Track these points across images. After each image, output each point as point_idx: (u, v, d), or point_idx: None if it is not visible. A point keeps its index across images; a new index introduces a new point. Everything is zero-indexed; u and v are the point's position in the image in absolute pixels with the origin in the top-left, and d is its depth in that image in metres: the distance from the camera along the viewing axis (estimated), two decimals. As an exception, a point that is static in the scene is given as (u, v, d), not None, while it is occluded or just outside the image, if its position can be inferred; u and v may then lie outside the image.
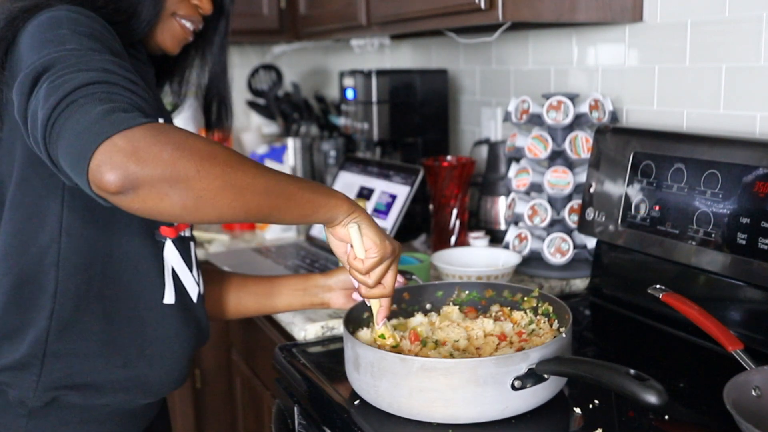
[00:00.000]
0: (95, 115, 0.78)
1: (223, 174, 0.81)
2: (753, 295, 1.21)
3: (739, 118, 1.42)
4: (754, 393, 0.97)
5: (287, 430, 1.26)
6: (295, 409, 1.21)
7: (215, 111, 1.28)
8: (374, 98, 2.11)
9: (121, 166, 0.76)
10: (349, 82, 2.22)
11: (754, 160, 1.20)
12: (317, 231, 2.05)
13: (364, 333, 1.15)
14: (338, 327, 1.41)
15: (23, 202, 1.01)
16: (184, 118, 2.81)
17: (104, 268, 1.03)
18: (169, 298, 1.09)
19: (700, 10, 1.48)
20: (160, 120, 1.06)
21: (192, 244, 1.17)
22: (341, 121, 2.35)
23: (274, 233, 2.14)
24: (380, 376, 1.02)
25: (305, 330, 1.40)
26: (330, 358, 1.29)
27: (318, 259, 1.89)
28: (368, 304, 1.12)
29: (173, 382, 1.13)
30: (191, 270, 1.14)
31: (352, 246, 1.02)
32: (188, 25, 1.15)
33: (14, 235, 1.02)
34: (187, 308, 1.13)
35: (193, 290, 1.14)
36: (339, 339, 1.33)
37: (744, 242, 1.19)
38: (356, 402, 1.08)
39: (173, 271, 1.10)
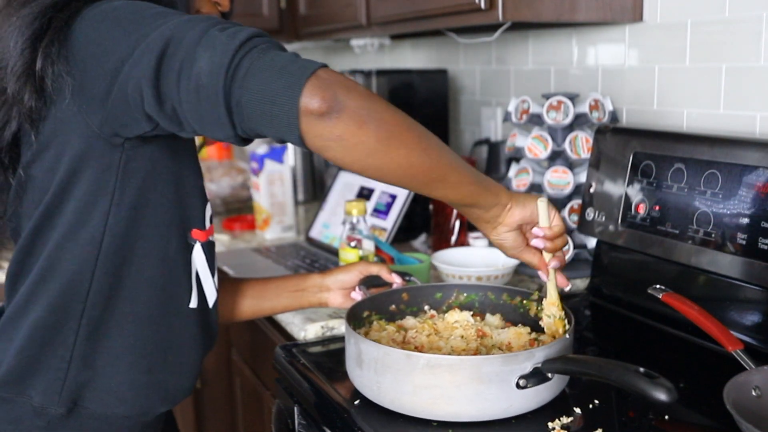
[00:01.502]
0: (286, 57, 0.84)
1: (404, 118, 0.90)
2: (753, 295, 1.21)
3: (739, 118, 1.42)
4: (754, 393, 0.97)
5: (287, 430, 1.26)
6: (295, 409, 1.21)
7: None
8: (374, 98, 2.11)
9: (330, 89, 0.83)
10: (349, 82, 2.22)
11: (754, 160, 1.21)
12: (317, 232, 2.05)
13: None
14: (338, 327, 1.41)
15: (74, 195, 0.98)
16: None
17: (139, 270, 1.02)
18: (194, 302, 1.09)
19: (700, 10, 1.48)
20: None
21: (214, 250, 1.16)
22: (341, 121, 2.35)
23: (274, 233, 2.15)
24: (384, 372, 1.02)
25: (305, 330, 1.40)
26: (330, 358, 1.29)
27: (318, 259, 1.89)
28: (545, 279, 1.11)
29: (188, 389, 1.13)
30: (213, 275, 1.13)
31: (537, 222, 1.05)
32: None
33: (57, 229, 0.99)
34: (205, 313, 1.12)
35: (212, 296, 1.13)
36: (339, 339, 1.33)
37: (744, 242, 1.20)
38: (356, 402, 1.08)
39: (197, 275, 1.10)
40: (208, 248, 1.11)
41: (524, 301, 1.24)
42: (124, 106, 0.90)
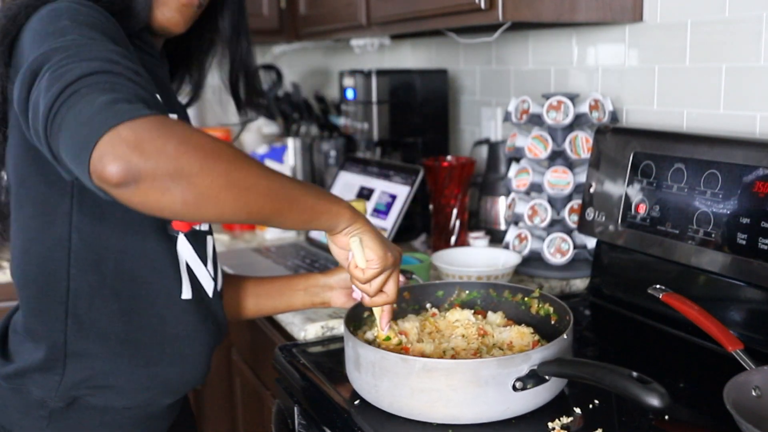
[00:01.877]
0: (98, 105, 0.77)
1: (226, 172, 0.81)
2: (753, 295, 1.21)
3: (739, 118, 1.42)
4: (754, 393, 0.97)
5: (287, 430, 1.26)
6: (295, 409, 1.21)
7: (243, 87, 1.26)
8: (374, 98, 2.11)
9: (124, 158, 0.75)
10: (349, 82, 2.22)
11: (754, 160, 1.20)
12: (316, 232, 2.05)
13: (368, 335, 1.15)
14: (338, 327, 1.41)
15: (28, 200, 1.00)
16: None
17: (117, 265, 1.02)
18: (187, 293, 1.09)
19: (700, 10, 1.48)
20: (172, 116, 1.07)
21: (209, 238, 1.16)
22: (341, 121, 2.35)
23: (274, 233, 2.15)
24: (381, 376, 1.02)
25: (305, 330, 1.40)
26: (330, 358, 1.29)
27: (318, 259, 1.89)
28: (370, 307, 1.12)
29: (193, 380, 1.13)
30: (205, 264, 1.13)
31: (353, 256, 1.02)
32: None
33: (22, 232, 1.02)
34: (204, 303, 1.12)
35: (208, 285, 1.13)
36: (339, 339, 1.33)
37: (744, 242, 1.19)
38: (356, 402, 1.08)
39: (187, 265, 1.09)
40: (194, 237, 1.11)
41: (525, 299, 1.25)
42: None
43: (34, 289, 1.01)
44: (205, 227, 1.14)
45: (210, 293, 1.13)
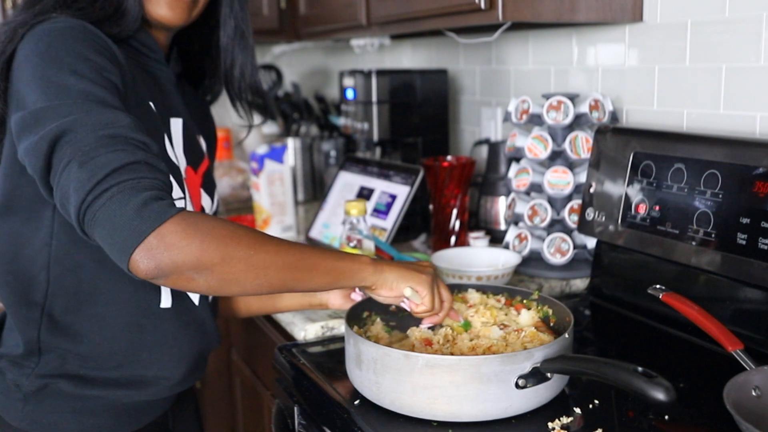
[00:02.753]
0: (130, 211, 0.86)
1: (245, 257, 0.90)
2: (753, 295, 1.21)
3: (739, 118, 1.42)
4: (754, 393, 0.98)
5: (287, 430, 1.26)
6: (295, 409, 1.21)
7: (243, 88, 1.27)
8: (374, 98, 2.11)
9: (155, 260, 0.86)
10: (349, 82, 2.22)
11: (754, 160, 1.20)
12: (317, 232, 2.05)
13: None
14: (338, 327, 1.41)
15: (19, 207, 1.04)
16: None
17: (95, 272, 1.05)
18: (166, 302, 1.10)
19: (700, 10, 1.48)
20: (176, 120, 1.13)
21: None
22: (341, 121, 2.35)
23: (274, 233, 2.14)
24: (383, 373, 1.02)
25: (305, 330, 1.40)
26: (330, 358, 1.29)
27: (318, 259, 1.89)
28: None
29: (175, 384, 1.14)
30: None
31: (408, 300, 1.09)
32: None
33: (11, 236, 1.06)
34: (188, 311, 1.13)
35: (194, 294, 1.14)
36: (339, 339, 1.33)
37: (744, 242, 1.19)
38: (356, 402, 1.08)
39: None
40: None
41: (524, 301, 1.24)
42: None
43: (17, 288, 1.05)
44: None
45: (196, 301, 1.14)
